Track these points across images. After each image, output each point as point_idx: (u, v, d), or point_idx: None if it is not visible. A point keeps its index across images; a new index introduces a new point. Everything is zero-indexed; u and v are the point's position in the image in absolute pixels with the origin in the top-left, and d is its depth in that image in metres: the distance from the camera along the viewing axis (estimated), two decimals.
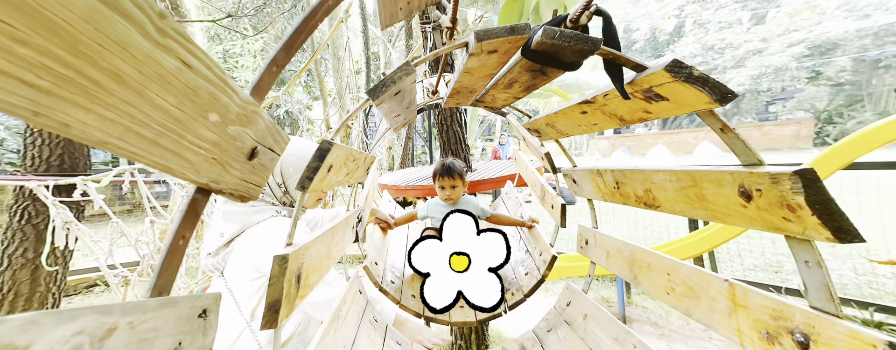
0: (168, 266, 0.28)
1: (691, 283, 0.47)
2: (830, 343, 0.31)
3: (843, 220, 0.31)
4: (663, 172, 0.53)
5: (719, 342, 1.85)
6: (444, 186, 1.29)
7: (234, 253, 0.74)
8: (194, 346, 0.29)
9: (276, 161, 0.41)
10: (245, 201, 0.37)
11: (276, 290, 0.45)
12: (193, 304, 0.29)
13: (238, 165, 0.33)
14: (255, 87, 0.33)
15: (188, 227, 0.29)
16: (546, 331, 0.84)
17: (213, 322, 0.32)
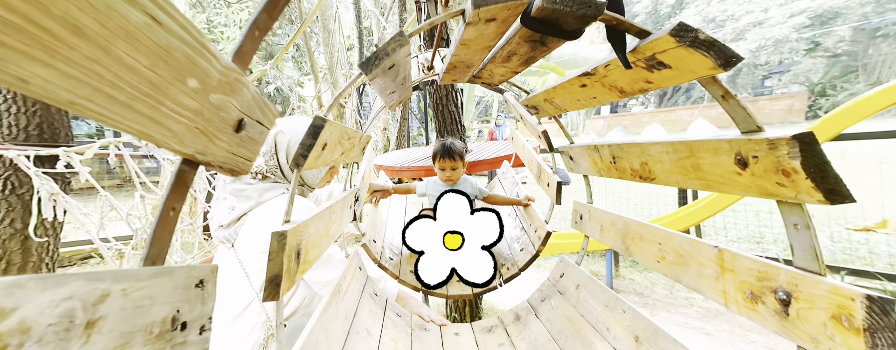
0: (159, 236, 0.27)
1: (682, 251, 0.49)
2: (811, 299, 0.33)
3: (836, 182, 0.31)
4: (660, 144, 0.52)
5: (700, 309, 1.98)
6: (444, 168, 1.27)
7: (246, 227, 0.75)
8: (193, 314, 0.29)
9: (266, 135, 0.39)
10: (235, 175, 0.36)
11: (276, 264, 0.45)
12: (189, 274, 0.29)
13: (225, 137, 0.31)
14: (237, 52, 0.31)
15: (177, 199, 0.29)
16: (540, 300, 0.88)
17: (210, 292, 0.32)
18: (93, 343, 0.19)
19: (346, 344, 0.61)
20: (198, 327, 0.30)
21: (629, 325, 0.57)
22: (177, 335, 0.27)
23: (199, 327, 0.30)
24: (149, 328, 0.24)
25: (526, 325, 0.83)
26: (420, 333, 0.87)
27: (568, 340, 0.68)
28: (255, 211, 0.76)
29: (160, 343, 0.25)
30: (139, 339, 0.23)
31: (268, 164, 0.79)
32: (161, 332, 0.25)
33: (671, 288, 2.23)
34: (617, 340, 0.57)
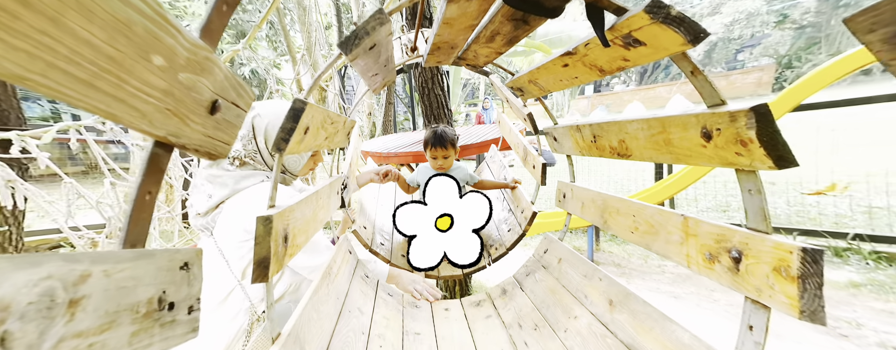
0: (137, 220, 0.27)
1: (653, 222, 0.53)
2: (758, 255, 0.37)
3: (784, 149, 0.34)
4: (636, 122, 0.55)
5: (670, 275, 2.17)
6: (436, 156, 1.26)
7: (224, 215, 0.74)
8: (180, 295, 0.29)
9: (243, 117, 0.38)
10: (213, 159, 0.35)
11: (263, 248, 0.46)
12: (173, 256, 0.29)
13: (199, 119, 0.30)
14: (204, 29, 0.29)
15: (152, 183, 0.28)
16: (525, 275, 0.94)
17: (196, 274, 0.32)
18: (78, 320, 0.20)
19: (338, 322, 0.63)
20: (186, 308, 0.30)
21: (604, 290, 0.62)
22: (165, 315, 0.28)
23: (188, 308, 0.31)
24: (135, 307, 0.24)
25: (512, 298, 0.88)
26: (411, 310, 0.91)
27: (550, 308, 0.73)
28: (233, 198, 0.74)
29: (148, 322, 0.26)
30: (126, 317, 0.23)
31: (246, 148, 0.77)
32: (148, 311, 0.26)
33: (645, 258, 2.42)
34: (593, 305, 0.63)
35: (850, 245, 2.32)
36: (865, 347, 1.46)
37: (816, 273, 0.32)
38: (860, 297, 1.84)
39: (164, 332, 0.27)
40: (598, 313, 0.61)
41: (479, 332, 0.80)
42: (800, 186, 3.18)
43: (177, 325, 0.29)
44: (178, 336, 0.29)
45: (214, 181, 0.74)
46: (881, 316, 1.68)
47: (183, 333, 0.30)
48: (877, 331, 1.56)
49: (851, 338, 1.53)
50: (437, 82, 2.28)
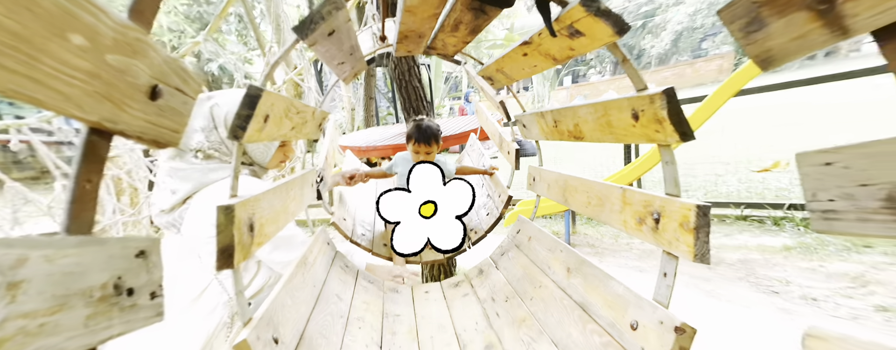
0: (79, 209, 0.27)
1: (601, 195, 0.58)
2: (670, 215, 0.43)
3: (686, 126, 0.41)
4: (585, 107, 0.59)
5: (637, 251, 2.33)
6: (418, 151, 1.25)
7: (192, 210, 0.72)
8: (138, 281, 0.30)
9: (191, 105, 0.38)
10: (161, 147, 0.35)
11: (225, 236, 0.46)
12: (126, 245, 0.30)
13: (138, 105, 0.30)
14: (133, 9, 0.28)
15: (92, 171, 0.28)
16: (500, 255, 0.98)
17: (156, 262, 0.33)
18: (20, 302, 0.20)
19: (315, 307, 0.65)
20: (147, 293, 0.31)
21: (564, 260, 0.67)
22: (123, 299, 0.28)
23: (150, 293, 0.31)
24: (87, 292, 0.25)
25: (487, 276, 0.93)
26: (392, 295, 0.93)
27: (520, 282, 0.78)
28: (202, 192, 0.73)
29: (104, 306, 0.26)
30: (78, 301, 0.24)
31: (209, 139, 0.75)
32: (104, 295, 0.26)
33: (616, 237, 2.58)
34: (555, 274, 0.68)
35: (786, 214, 2.58)
36: (791, 300, 1.66)
37: (706, 224, 0.39)
38: (790, 259, 2.07)
39: (125, 315, 0.28)
40: (557, 280, 0.66)
41: (456, 309, 0.84)
42: (749, 165, 3.48)
43: (138, 309, 0.30)
44: (141, 319, 0.30)
45: (177, 175, 0.72)
46: (805, 273, 1.90)
47: (147, 317, 0.31)
48: (801, 286, 1.77)
49: (781, 293, 1.73)
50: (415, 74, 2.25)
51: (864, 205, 0.29)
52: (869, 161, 0.28)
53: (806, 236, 2.30)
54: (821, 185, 0.32)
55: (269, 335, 0.47)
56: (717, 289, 1.84)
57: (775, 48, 0.33)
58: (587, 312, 0.56)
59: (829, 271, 1.88)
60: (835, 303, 1.60)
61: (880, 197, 0.28)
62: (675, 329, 0.39)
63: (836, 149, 0.31)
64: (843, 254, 2.05)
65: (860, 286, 1.70)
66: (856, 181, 0.29)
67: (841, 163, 0.30)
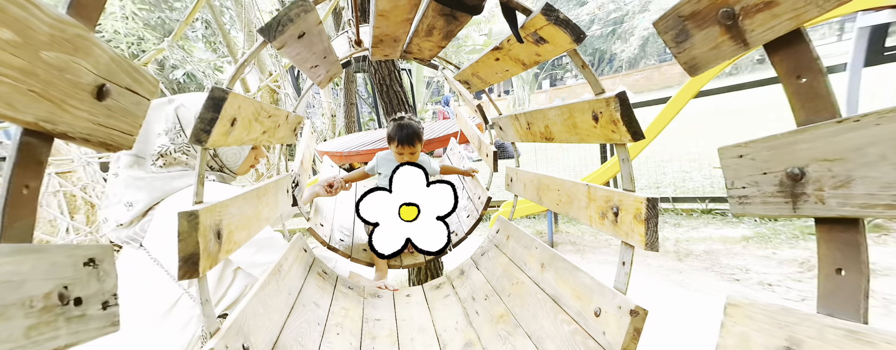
0: (14, 217, 0.25)
1: (570, 193, 0.61)
2: (627, 208, 0.48)
3: (636, 126, 0.46)
4: (554, 109, 0.63)
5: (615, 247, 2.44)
6: (402, 153, 1.22)
7: (157, 221, 0.68)
8: (88, 290, 0.28)
9: (145, 106, 0.36)
10: (112, 150, 0.33)
11: (188, 244, 0.44)
12: (72, 252, 0.28)
13: (82, 105, 0.29)
14: (72, 4, 0.27)
15: (29, 176, 0.26)
16: (480, 255, 1.00)
17: (108, 271, 0.31)
18: None
19: (290, 315, 0.63)
20: (98, 303, 0.29)
21: (538, 256, 0.69)
22: (70, 309, 0.27)
23: (101, 303, 0.30)
24: (27, 302, 0.23)
25: (468, 277, 0.94)
26: (373, 300, 0.92)
27: (499, 280, 0.80)
28: (166, 202, 0.69)
29: (48, 316, 0.25)
30: (17, 311, 0.23)
31: (175, 142, 0.71)
32: (46, 306, 0.25)
33: (596, 235, 2.68)
34: (530, 270, 0.70)
35: None
36: (750, 286, 1.81)
37: (654, 215, 0.44)
38: (749, 248, 2.26)
39: (72, 326, 0.26)
40: (533, 276, 0.68)
41: (437, 310, 0.84)
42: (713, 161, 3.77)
43: (88, 320, 0.28)
44: (93, 329, 0.28)
45: (136, 185, 0.68)
46: (762, 261, 2.08)
47: (99, 327, 0.29)
48: (758, 273, 1.94)
49: (742, 281, 1.89)
50: (396, 78, 2.25)
51: (765, 189, 0.34)
52: (769, 152, 0.34)
53: (761, 227, 2.51)
54: (736, 175, 0.37)
55: (238, 344, 0.45)
56: (687, 279, 1.95)
57: (699, 56, 0.37)
58: (558, 304, 0.58)
59: (781, 258, 2.06)
60: (787, 287, 1.75)
61: (775, 182, 0.33)
62: (630, 312, 0.42)
63: (746, 143, 0.36)
64: (791, 241, 2.25)
65: (807, 270, 1.88)
66: (760, 170, 0.34)
67: (750, 155, 0.35)
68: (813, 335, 0.29)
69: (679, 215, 2.94)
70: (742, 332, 0.34)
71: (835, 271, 0.30)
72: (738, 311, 0.35)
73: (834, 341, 0.28)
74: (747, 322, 0.34)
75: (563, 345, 0.52)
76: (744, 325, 0.34)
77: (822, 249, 0.31)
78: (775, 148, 0.33)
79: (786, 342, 0.30)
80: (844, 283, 0.29)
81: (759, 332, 0.33)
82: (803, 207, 0.31)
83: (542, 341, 0.56)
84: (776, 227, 2.45)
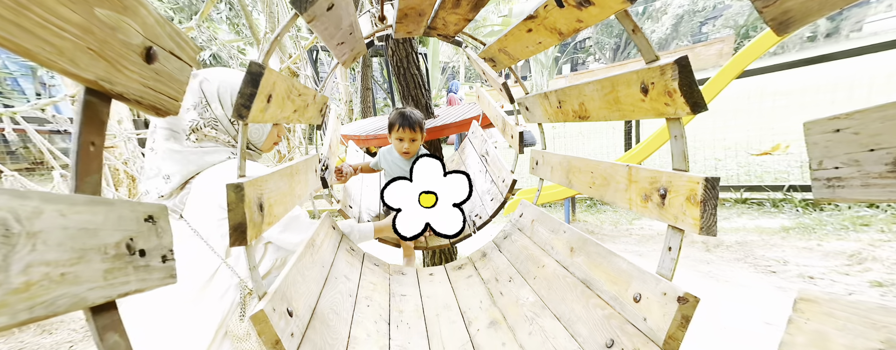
0: (86, 171, 0.26)
1: (606, 175, 0.58)
2: (677, 189, 0.44)
3: (698, 96, 0.40)
4: (592, 83, 0.58)
5: (637, 236, 2.35)
6: (402, 138, 1.21)
7: (195, 194, 0.71)
8: (150, 244, 0.30)
9: (187, 73, 0.36)
10: (161, 115, 0.34)
11: (237, 214, 0.46)
12: (134, 208, 0.29)
13: (134, 67, 0.29)
14: None
15: (93, 133, 0.27)
16: (503, 238, 0.99)
17: (164, 228, 0.32)
18: (39, 251, 0.20)
19: (324, 286, 0.65)
20: (158, 256, 0.31)
21: (567, 240, 0.67)
22: (137, 259, 0.28)
23: (161, 256, 0.31)
24: (102, 248, 0.25)
25: (491, 259, 0.93)
26: (398, 277, 0.94)
27: (523, 263, 0.79)
28: (204, 175, 0.72)
29: (120, 262, 0.26)
30: (95, 256, 0.24)
31: (203, 116, 0.73)
32: (118, 253, 0.26)
33: (615, 223, 2.59)
34: (558, 254, 0.68)
35: (786, 196, 2.59)
36: (788, 279, 1.69)
37: (713, 196, 0.39)
38: (788, 239, 2.10)
39: (140, 274, 0.28)
40: (561, 260, 0.66)
41: (460, 289, 0.85)
42: (749, 148, 3.47)
43: (152, 270, 0.30)
44: (156, 279, 0.30)
45: (173, 158, 0.71)
46: (803, 253, 1.93)
47: (161, 278, 0.31)
48: (798, 265, 1.80)
49: (779, 273, 1.76)
50: (413, 61, 2.20)
51: (869, 170, 0.29)
52: (881, 124, 0.28)
53: (804, 217, 2.32)
54: (828, 153, 0.32)
55: (283, 308, 0.48)
56: (716, 270, 1.86)
57: (794, 9, 0.31)
58: (590, 288, 0.56)
59: (827, 250, 1.90)
60: (831, 280, 1.63)
61: (888, 161, 0.28)
62: (677, 299, 0.40)
63: (848, 114, 0.30)
64: (840, 233, 2.06)
65: (856, 263, 1.73)
66: (864, 146, 0.29)
67: (851, 129, 0.30)
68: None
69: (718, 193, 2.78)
70: (818, 329, 0.31)
71: None
72: (812, 307, 0.32)
73: None
74: (826, 320, 0.31)
75: (596, 329, 0.51)
76: (821, 322, 0.31)
77: None
78: (892, 118, 0.27)
79: (882, 344, 0.26)
80: None
81: (842, 332, 0.29)
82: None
83: (572, 324, 0.55)
84: (822, 217, 2.25)
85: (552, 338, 0.56)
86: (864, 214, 2.20)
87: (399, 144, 1.23)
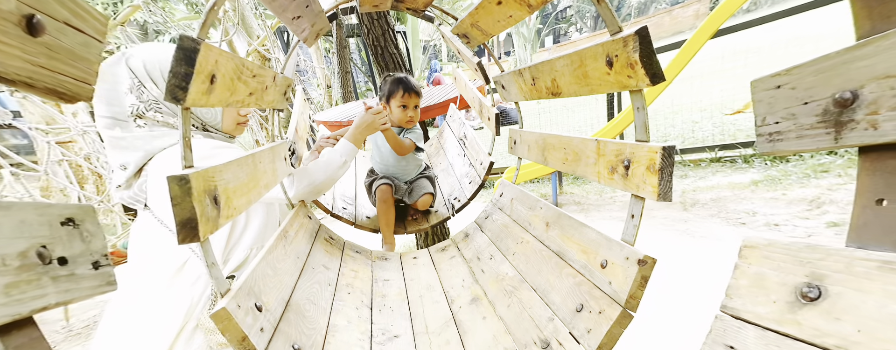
0: None
1: (577, 150, 0.58)
2: (639, 160, 0.45)
3: (657, 67, 0.40)
4: (562, 58, 0.57)
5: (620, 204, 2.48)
6: (406, 105, 1.13)
7: (151, 181, 0.67)
8: (72, 250, 0.27)
9: (99, 50, 0.31)
10: (69, 101, 0.29)
11: (184, 209, 0.42)
12: (44, 211, 0.26)
13: (12, 41, 0.24)
14: None
15: None
16: (484, 218, 1.00)
17: (92, 231, 0.29)
18: None
19: (299, 278, 0.64)
20: (87, 263, 0.28)
21: (543, 216, 0.68)
22: (54, 269, 0.26)
23: (91, 263, 0.29)
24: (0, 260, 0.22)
25: (473, 239, 0.95)
26: (381, 262, 0.94)
27: (503, 240, 0.80)
28: (156, 161, 0.67)
29: (29, 274, 0.24)
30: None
31: (141, 99, 0.67)
32: (24, 264, 0.23)
33: (600, 193, 2.71)
34: (535, 229, 0.69)
35: (756, 151, 2.76)
36: (756, 229, 1.85)
37: (670, 164, 0.41)
38: (758, 192, 2.27)
39: (62, 285, 0.26)
40: (538, 235, 0.67)
41: (444, 270, 0.86)
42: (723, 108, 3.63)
43: (79, 279, 0.27)
44: (87, 289, 0.28)
45: (119, 145, 0.65)
46: (770, 203, 2.10)
47: (94, 286, 0.28)
48: (765, 215, 1.97)
49: (748, 224, 1.92)
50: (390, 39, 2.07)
51: (802, 122, 0.31)
52: (815, 77, 0.30)
53: (772, 170, 2.49)
54: (770, 110, 0.33)
55: (250, 303, 0.46)
56: (692, 227, 2.00)
57: None
58: (564, 259, 0.58)
59: (790, 198, 2.07)
60: (793, 225, 1.79)
61: (817, 112, 0.30)
62: (638, 262, 0.41)
63: (787, 71, 0.32)
64: (803, 181, 2.24)
65: (815, 208, 1.89)
66: (800, 100, 0.31)
67: (789, 84, 0.31)
68: (839, 269, 0.28)
69: (686, 167, 2.91)
70: (757, 272, 0.34)
71: (875, 202, 0.28)
72: (754, 252, 0.34)
73: (863, 273, 0.26)
74: (764, 262, 0.33)
75: (567, 296, 0.53)
76: (760, 265, 0.34)
77: (862, 180, 0.29)
78: (824, 70, 0.29)
79: (806, 278, 0.29)
80: (884, 213, 0.27)
81: (776, 271, 0.32)
82: (848, 136, 0.28)
83: (547, 294, 0.57)
84: (787, 168, 2.42)
85: (528, 308, 0.58)
86: (825, 161, 2.38)
87: (403, 113, 1.14)
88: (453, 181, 1.37)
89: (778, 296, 0.31)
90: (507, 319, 0.60)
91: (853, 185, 0.30)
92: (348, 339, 0.59)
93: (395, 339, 0.63)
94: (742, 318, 0.33)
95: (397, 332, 0.64)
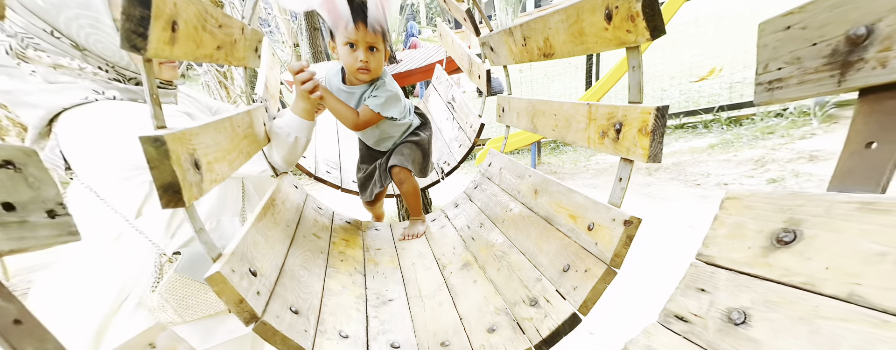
0: None
1: (567, 116, 0.59)
2: (631, 122, 0.45)
3: (659, 20, 0.39)
4: (556, 14, 0.55)
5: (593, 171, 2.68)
6: (354, 43, 0.70)
7: (72, 146, 0.56)
8: (17, 196, 0.25)
9: None
10: None
11: (164, 173, 0.38)
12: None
13: None
14: None
15: None
16: (473, 188, 1.02)
17: (39, 177, 0.26)
18: None
19: (291, 245, 0.64)
20: (39, 211, 0.26)
21: (531, 183, 0.71)
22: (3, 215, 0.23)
23: (45, 211, 0.26)
24: None
25: (462, 209, 0.98)
26: (372, 232, 0.96)
27: (492, 209, 0.84)
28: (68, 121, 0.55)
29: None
30: None
31: (8, 32, 0.52)
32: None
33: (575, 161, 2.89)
34: (523, 197, 0.73)
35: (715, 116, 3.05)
36: (708, 188, 2.13)
37: (662, 125, 0.41)
38: (713, 155, 2.57)
39: (11, 232, 0.24)
40: (526, 202, 0.71)
41: (434, 239, 0.90)
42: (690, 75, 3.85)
43: (33, 227, 0.25)
44: (44, 237, 0.26)
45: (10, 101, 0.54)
46: (722, 164, 2.41)
47: (52, 235, 0.26)
48: (717, 175, 2.27)
49: (702, 185, 2.20)
50: None
51: (807, 66, 0.30)
52: (830, 13, 0.28)
53: (727, 133, 2.80)
54: (774, 54, 0.32)
55: (245, 268, 0.45)
56: (655, 191, 2.24)
57: None
58: (552, 224, 0.62)
59: (740, 159, 2.37)
60: (740, 184, 2.06)
61: (825, 54, 0.29)
62: (624, 222, 0.45)
63: (800, 8, 0.30)
64: (752, 143, 2.56)
65: (759, 167, 2.19)
66: (809, 41, 0.29)
67: (801, 23, 0.30)
68: (818, 213, 0.27)
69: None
70: (736, 221, 0.33)
71: (864, 146, 0.27)
72: (735, 202, 0.35)
73: (842, 215, 0.26)
74: (744, 211, 0.33)
75: (555, 258, 0.58)
76: (740, 214, 0.33)
77: (856, 124, 0.28)
78: (842, 4, 0.27)
79: (784, 224, 0.29)
80: (871, 156, 0.27)
81: (755, 219, 0.32)
82: (853, 78, 0.27)
83: (535, 257, 0.62)
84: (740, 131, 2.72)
85: (517, 270, 0.63)
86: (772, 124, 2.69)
87: (350, 55, 0.72)
88: (442, 145, 1.36)
89: (754, 242, 0.31)
90: (497, 281, 0.65)
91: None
92: (344, 302, 0.61)
93: (390, 302, 0.66)
94: (716, 263, 0.34)
95: (392, 296, 0.68)
